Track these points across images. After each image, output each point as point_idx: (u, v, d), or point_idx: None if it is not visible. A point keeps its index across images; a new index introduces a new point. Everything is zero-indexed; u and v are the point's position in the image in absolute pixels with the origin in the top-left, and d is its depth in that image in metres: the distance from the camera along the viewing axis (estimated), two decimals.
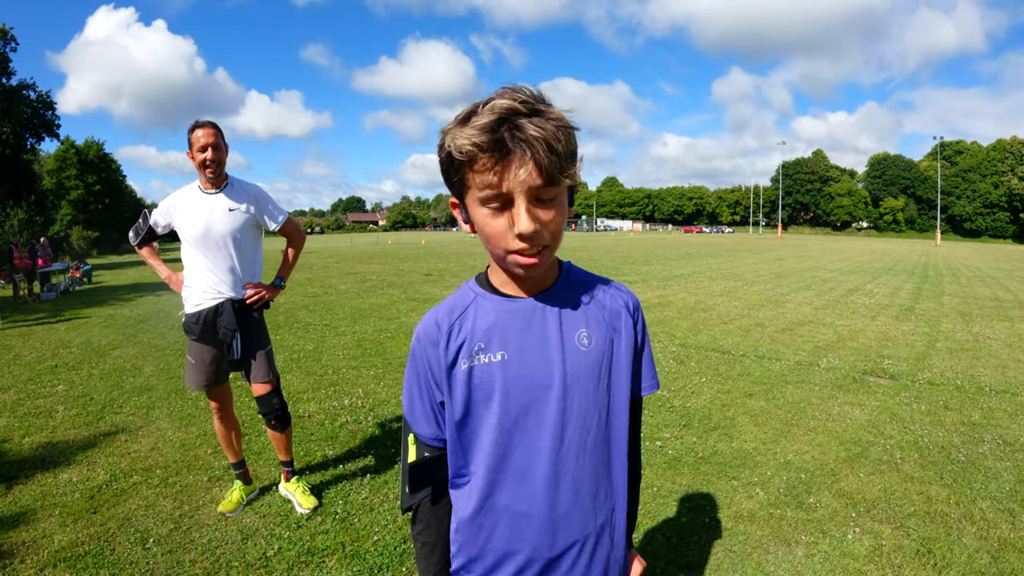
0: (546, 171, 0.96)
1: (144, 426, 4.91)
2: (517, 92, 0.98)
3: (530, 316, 1.14)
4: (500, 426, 1.13)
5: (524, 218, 0.98)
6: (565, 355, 1.13)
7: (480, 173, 0.98)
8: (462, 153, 0.97)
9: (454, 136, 0.98)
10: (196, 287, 3.23)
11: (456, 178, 1.04)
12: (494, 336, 1.13)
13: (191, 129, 3.13)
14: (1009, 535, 3.17)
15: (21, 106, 35.65)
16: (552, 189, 1.00)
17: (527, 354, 1.13)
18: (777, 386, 5.94)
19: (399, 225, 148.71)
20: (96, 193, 52.12)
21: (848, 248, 41.62)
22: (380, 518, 3.34)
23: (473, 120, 0.96)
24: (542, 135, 0.95)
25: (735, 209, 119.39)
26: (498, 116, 0.95)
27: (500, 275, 1.16)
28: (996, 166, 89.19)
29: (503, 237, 1.02)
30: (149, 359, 7.44)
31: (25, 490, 3.74)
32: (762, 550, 3.03)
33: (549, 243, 1.05)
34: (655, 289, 14.25)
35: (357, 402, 5.48)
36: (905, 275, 19.25)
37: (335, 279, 17.10)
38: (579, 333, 1.15)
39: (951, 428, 4.78)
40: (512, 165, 0.96)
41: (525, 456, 1.13)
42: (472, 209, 1.05)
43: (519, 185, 0.97)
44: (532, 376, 1.12)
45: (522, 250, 1.02)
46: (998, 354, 7.52)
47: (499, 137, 0.95)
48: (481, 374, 1.13)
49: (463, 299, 1.19)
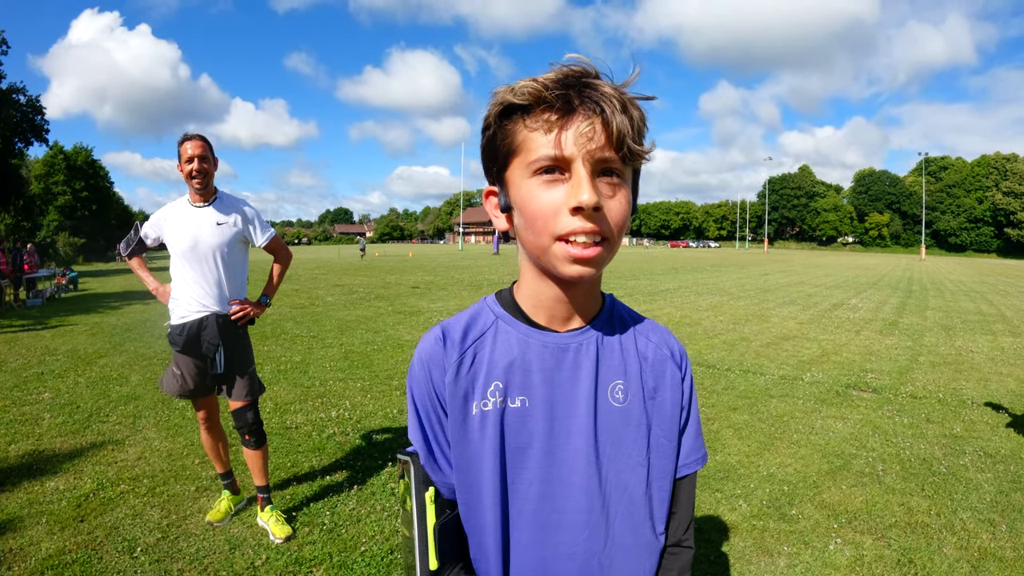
0: (616, 136, 0.80)
1: (131, 435, 4.90)
2: (588, 61, 0.84)
3: (562, 356, 0.93)
4: (511, 492, 0.93)
5: (586, 185, 0.79)
6: (598, 412, 0.93)
7: (536, 130, 0.81)
8: (522, 95, 0.81)
9: (513, 85, 0.84)
10: (182, 299, 3.26)
11: (504, 141, 0.86)
12: (515, 376, 0.92)
13: (180, 142, 3.17)
14: (989, 545, 3.23)
15: (10, 110, 35.38)
16: (620, 164, 0.83)
17: (554, 405, 0.92)
18: (761, 400, 6.00)
19: (386, 237, 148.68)
20: (83, 199, 51.77)
21: (833, 263, 41.95)
22: (367, 529, 3.36)
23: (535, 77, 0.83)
24: (616, 94, 0.81)
25: (722, 224, 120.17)
26: (566, 73, 0.82)
27: (531, 294, 0.94)
28: (980, 181, 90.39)
29: (555, 216, 0.82)
30: (136, 368, 7.41)
31: (11, 498, 3.73)
32: (744, 560, 3.08)
33: (610, 235, 0.84)
34: (641, 304, 14.31)
35: (344, 414, 5.49)
36: (889, 290, 19.46)
37: (322, 291, 17.06)
38: (615, 385, 0.95)
39: (933, 440, 4.86)
40: (576, 121, 0.80)
41: (540, 537, 0.93)
42: (517, 184, 0.86)
43: (583, 146, 0.80)
44: (556, 433, 0.92)
45: (578, 231, 0.81)
46: (980, 367, 7.64)
47: (567, 87, 0.81)
48: (493, 422, 0.92)
49: (481, 321, 0.97)
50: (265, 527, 3.34)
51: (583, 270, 0.83)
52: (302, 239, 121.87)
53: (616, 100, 0.80)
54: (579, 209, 0.80)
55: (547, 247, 0.84)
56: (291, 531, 3.29)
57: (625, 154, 0.81)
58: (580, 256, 0.82)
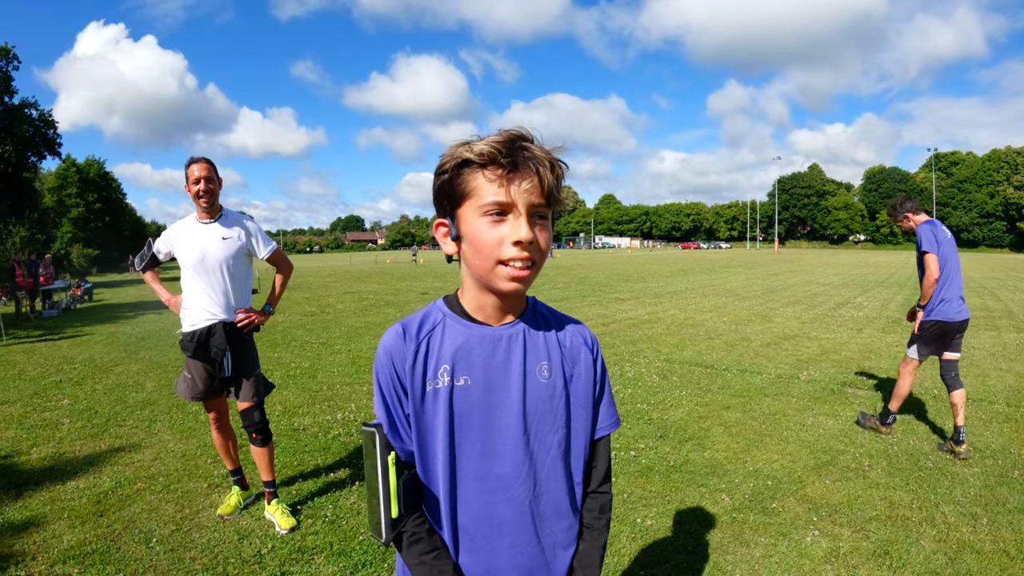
0: (546, 189, 1.08)
1: (147, 438, 5.14)
2: (522, 128, 1.11)
3: (496, 343, 1.18)
4: (458, 452, 1.17)
5: (525, 226, 1.07)
6: (527, 386, 1.18)
7: (489, 181, 1.06)
8: (481, 156, 1.06)
9: (470, 145, 1.08)
10: (192, 308, 3.51)
11: (459, 186, 1.10)
12: (460, 360, 1.17)
13: (187, 164, 3.44)
14: (969, 537, 3.29)
15: (23, 124, 35.93)
16: (546, 209, 1.11)
17: (491, 382, 1.17)
18: (755, 398, 6.12)
19: (398, 244, 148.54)
20: (96, 211, 52.48)
21: (843, 261, 41.75)
22: (366, 520, 3.55)
23: (484, 139, 1.09)
24: (546, 157, 1.09)
25: (732, 225, 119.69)
26: (509, 137, 1.08)
27: (473, 299, 1.20)
28: (992, 176, 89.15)
29: (499, 246, 1.07)
30: (151, 375, 7.66)
31: (34, 496, 3.97)
32: (721, 551, 3.22)
33: (537, 260, 1.11)
34: (647, 306, 14.44)
35: (349, 416, 5.69)
36: (897, 287, 19.43)
37: (333, 298, 17.34)
38: (540, 365, 1.20)
39: (923, 436, 4.93)
40: (519, 178, 1.06)
41: (483, 486, 1.18)
42: (468, 219, 1.10)
43: (523, 196, 1.07)
44: (493, 404, 1.17)
45: (516, 259, 1.08)
46: (980, 363, 7.68)
47: (512, 150, 1.07)
48: (445, 398, 1.16)
49: (431, 318, 1.22)
50: (271, 519, 3.56)
51: (518, 286, 1.11)
52: (313, 247, 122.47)
53: (547, 161, 1.09)
54: (519, 242, 1.07)
55: (491, 269, 1.10)
56: (295, 522, 3.51)
57: (551, 201, 1.11)
58: (517, 275, 1.09)
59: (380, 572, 3.04)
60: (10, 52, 35.15)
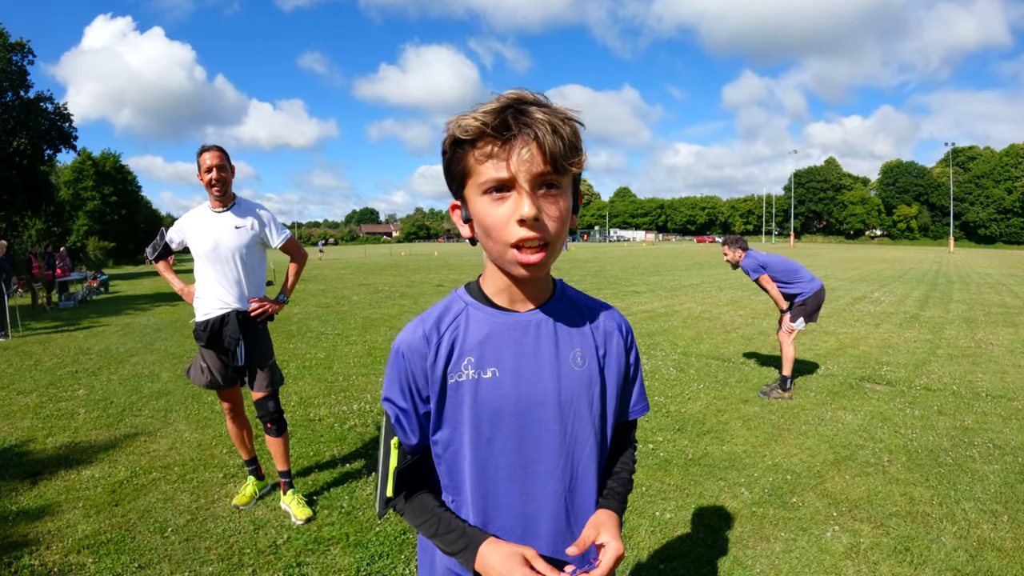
0: (550, 155, 0.94)
1: (162, 428, 5.15)
2: (523, 90, 0.99)
3: (524, 331, 1.10)
4: (489, 448, 1.09)
5: (527, 201, 0.95)
6: (560, 375, 1.10)
7: (482, 157, 0.96)
8: (467, 131, 0.96)
9: (459, 119, 0.98)
10: (205, 298, 3.48)
11: (458, 166, 1.01)
12: (486, 351, 1.09)
13: (199, 153, 3.40)
14: (989, 535, 3.25)
15: (38, 118, 36.25)
16: (557, 177, 0.98)
17: (521, 373, 1.08)
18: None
19: (412, 236, 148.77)
20: (112, 204, 52.74)
21: (860, 256, 41.40)
22: None
23: (478, 108, 0.97)
24: (547, 118, 0.94)
25: (748, 218, 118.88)
26: (503, 103, 0.96)
27: (495, 283, 1.11)
28: (1009, 171, 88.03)
29: (504, 228, 0.98)
30: (166, 365, 7.70)
31: (50, 485, 3.98)
32: (741, 545, 3.18)
33: (552, 239, 1.00)
34: (662, 299, 14.38)
35: (365, 407, 5.68)
36: (914, 283, 19.23)
37: (348, 290, 17.38)
38: (574, 352, 1.12)
39: (942, 432, 4.87)
40: (516, 147, 0.94)
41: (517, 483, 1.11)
42: (473, 201, 1.02)
43: (523, 168, 0.95)
44: (526, 396, 1.08)
45: (524, 240, 0.97)
46: (999, 360, 7.59)
47: (504, 119, 0.94)
48: (471, 391, 1.08)
49: (452, 308, 1.14)
50: (287, 509, 3.54)
51: (534, 271, 1.02)
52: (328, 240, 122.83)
53: (547, 124, 0.94)
54: (523, 220, 0.96)
55: (503, 253, 1.01)
56: (311, 513, 3.49)
57: (560, 167, 0.97)
58: (528, 260, 0.99)
59: (397, 563, 3.01)
60: (25, 46, 35.48)
